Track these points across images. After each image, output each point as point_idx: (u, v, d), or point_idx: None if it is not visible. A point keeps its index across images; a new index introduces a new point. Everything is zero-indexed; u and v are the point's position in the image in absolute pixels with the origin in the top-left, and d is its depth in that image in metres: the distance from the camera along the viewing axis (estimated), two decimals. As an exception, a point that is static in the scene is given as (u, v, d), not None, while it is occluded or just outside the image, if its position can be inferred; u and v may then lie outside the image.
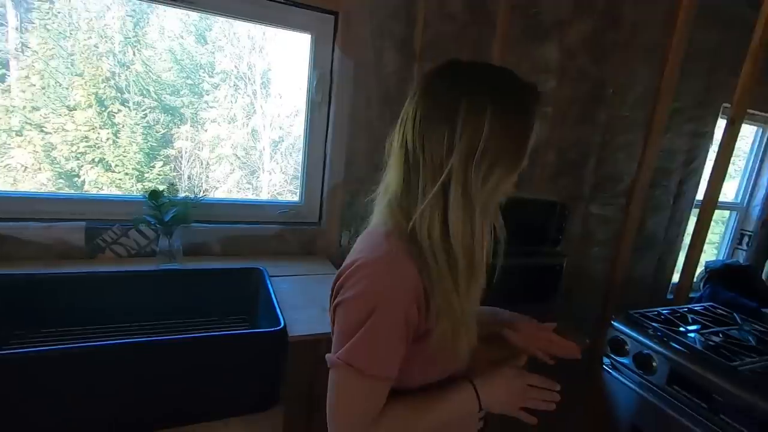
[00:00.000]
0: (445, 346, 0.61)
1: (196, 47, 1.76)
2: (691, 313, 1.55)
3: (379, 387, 0.60)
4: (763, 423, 1.05)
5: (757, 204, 3.02)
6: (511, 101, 0.60)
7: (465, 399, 0.66)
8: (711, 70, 2.33)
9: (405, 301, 0.58)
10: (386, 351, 0.59)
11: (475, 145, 0.57)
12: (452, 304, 0.60)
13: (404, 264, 0.59)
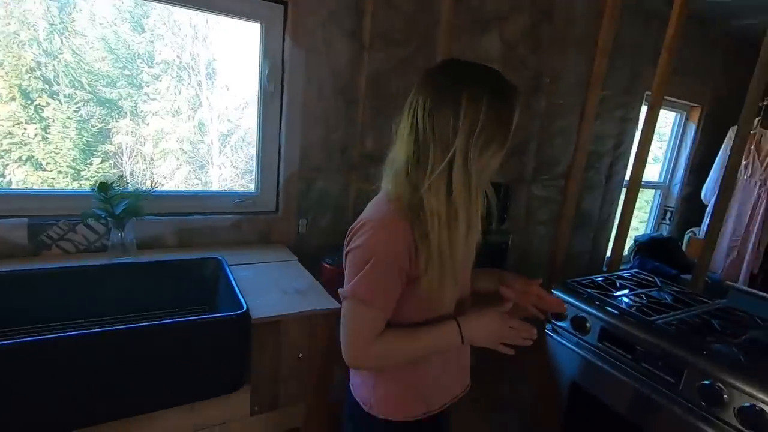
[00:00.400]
0: (432, 289, 0.75)
1: (132, 35, 1.69)
2: (620, 279, 1.74)
3: (375, 314, 0.76)
4: (674, 366, 1.22)
5: (677, 183, 3.36)
6: (502, 95, 0.75)
7: (448, 332, 0.80)
8: (635, 60, 2.56)
9: (397, 252, 0.73)
10: (380, 288, 0.75)
11: (474, 128, 0.72)
12: (443, 257, 0.74)
13: (399, 223, 0.74)
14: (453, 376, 0.92)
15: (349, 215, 1.86)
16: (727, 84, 3.16)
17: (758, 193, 2.91)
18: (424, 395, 0.87)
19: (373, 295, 0.74)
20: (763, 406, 1.05)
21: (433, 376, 0.87)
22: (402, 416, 0.86)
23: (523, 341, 0.84)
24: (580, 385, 1.49)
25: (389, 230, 0.74)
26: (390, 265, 0.74)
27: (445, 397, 0.91)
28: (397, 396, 0.86)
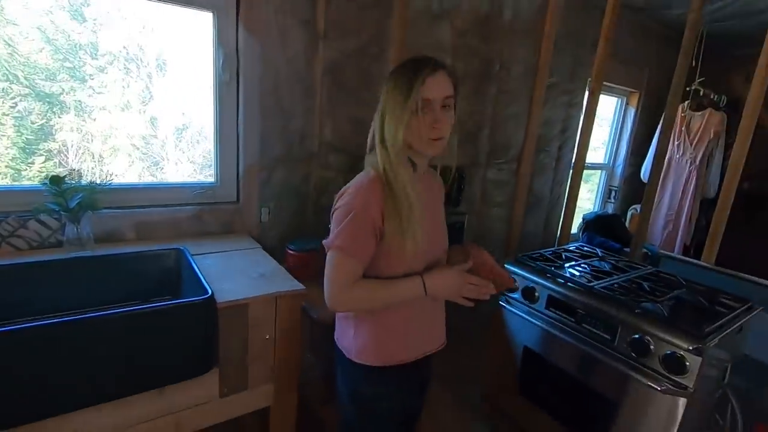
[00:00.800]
0: (395, 245, 0.89)
1: (72, 25, 1.62)
2: (566, 252, 1.88)
3: (352, 263, 0.90)
4: (610, 324, 1.36)
5: (620, 164, 3.60)
6: (402, 70, 0.90)
7: (413, 284, 0.93)
8: (578, 48, 2.72)
9: (372, 208, 0.88)
10: (356, 239, 0.88)
11: (384, 108, 0.90)
12: (401, 214, 0.89)
13: (374, 188, 0.89)
14: (426, 332, 1.04)
15: (310, 203, 1.90)
16: (662, 70, 3.41)
17: (689, 171, 3.18)
18: (397, 345, 0.99)
19: (350, 244, 0.88)
20: (682, 353, 1.20)
21: (405, 329, 0.99)
22: (379, 362, 0.98)
23: (482, 296, 0.96)
24: (532, 350, 1.62)
25: (365, 191, 0.89)
26: (365, 219, 0.88)
27: (418, 349, 1.03)
28: (373, 344, 0.98)
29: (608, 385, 1.37)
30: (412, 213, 0.89)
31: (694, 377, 1.18)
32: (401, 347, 1.00)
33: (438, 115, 0.88)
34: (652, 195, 2.27)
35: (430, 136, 0.89)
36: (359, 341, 0.99)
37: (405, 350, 1.01)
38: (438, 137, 0.90)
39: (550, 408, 1.58)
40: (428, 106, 0.87)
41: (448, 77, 0.91)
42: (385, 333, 0.98)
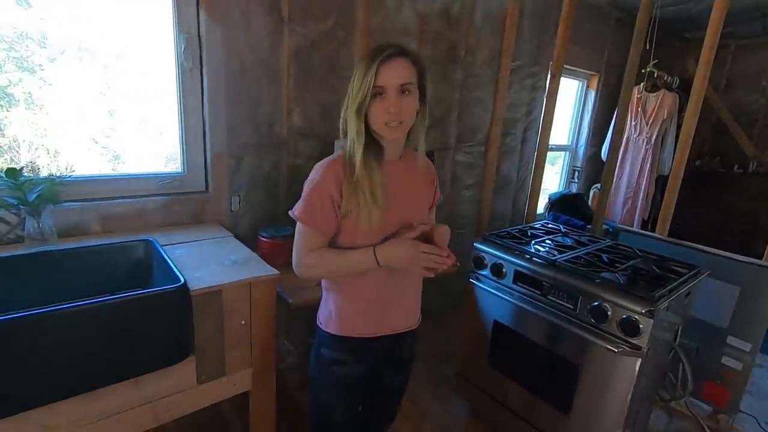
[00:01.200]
0: (351, 218, 0.96)
1: (16, 11, 1.54)
2: (531, 229, 1.97)
3: (312, 232, 0.97)
4: (572, 294, 1.45)
5: (582, 144, 3.74)
6: (365, 57, 0.94)
7: (365, 255, 0.98)
8: (540, 32, 2.79)
9: (331, 183, 0.95)
10: (313, 209, 0.96)
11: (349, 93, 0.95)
12: (359, 193, 0.94)
13: (335, 166, 0.96)
14: (392, 310, 1.09)
15: (282, 191, 1.89)
16: (619, 53, 3.54)
17: (645, 150, 3.35)
18: (358, 319, 1.06)
19: (308, 214, 0.96)
20: (636, 316, 1.29)
21: (367, 303, 1.06)
22: (339, 332, 1.07)
23: (438, 265, 0.97)
24: (501, 323, 1.70)
25: (325, 168, 0.97)
26: (322, 191, 0.95)
27: (382, 326, 1.09)
28: (336, 315, 1.07)
29: (571, 351, 1.46)
30: (372, 195, 0.94)
31: (647, 338, 1.28)
32: (362, 321, 1.06)
33: (392, 100, 0.92)
34: (609, 173, 2.39)
35: (384, 121, 0.93)
36: (326, 311, 1.09)
37: (365, 325, 1.07)
38: (392, 121, 0.93)
39: (519, 376, 1.67)
40: (383, 92, 0.91)
41: (411, 64, 0.94)
42: (347, 305, 1.06)
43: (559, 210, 3.32)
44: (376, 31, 2.00)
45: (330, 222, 0.97)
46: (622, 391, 1.35)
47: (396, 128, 0.95)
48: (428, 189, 1.14)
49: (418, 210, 1.09)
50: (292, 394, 1.96)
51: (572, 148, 3.77)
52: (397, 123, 0.94)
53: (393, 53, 0.91)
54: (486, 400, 1.81)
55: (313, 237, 0.98)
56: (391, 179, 1.00)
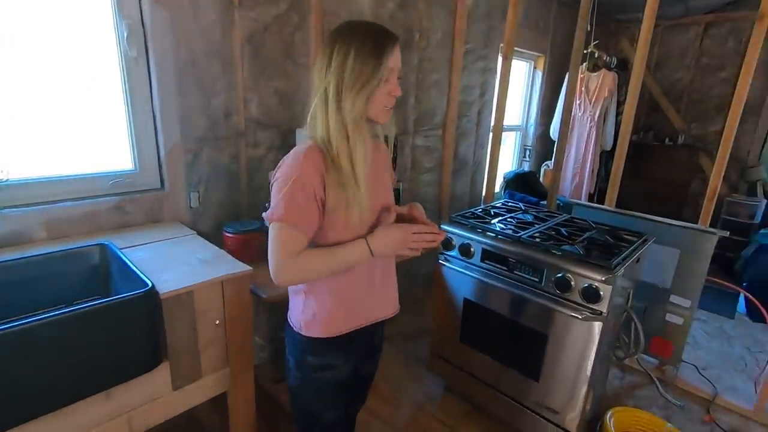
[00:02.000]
0: (339, 212, 0.90)
1: None
2: (494, 208, 2.04)
3: (295, 233, 0.88)
4: (537, 268, 1.52)
5: (532, 124, 3.90)
6: (368, 44, 0.86)
7: (358, 248, 0.93)
8: (489, 15, 2.84)
9: (312, 177, 0.87)
10: (296, 207, 0.87)
11: (340, 76, 0.86)
12: (346, 185, 0.89)
13: (314, 156, 0.88)
14: (375, 299, 1.06)
15: (243, 184, 1.83)
16: (562, 35, 3.69)
17: (589, 127, 3.54)
18: (346, 315, 1.01)
19: (290, 213, 0.86)
20: (597, 284, 1.39)
21: (353, 297, 1.01)
22: (326, 334, 1.00)
23: (429, 243, 0.97)
24: (471, 300, 1.76)
25: (301, 159, 0.88)
26: (304, 185, 0.86)
27: (368, 316, 1.05)
28: (321, 317, 1.00)
29: (539, 321, 1.55)
30: (359, 186, 0.89)
31: (607, 303, 1.38)
32: (349, 317, 1.01)
33: (395, 84, 0.91)
34: (561, 151, 2.51)
35: (387, 105, 0.92)
36: (307, 315, 1.00)
37: (353, 319, 1.02)
38: (390, 106, 0.93)
39: (490, 350, 1.75)
40: (389, 77, 0.89)
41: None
42: (333, 304, 0.99)
43: (514, 188, 3.46)
44: (331, 15, 1.95)
45: (314, 219, 0.90)
46: (586, 354, 1.45)
47: (390, 111, 0.95)
48: (390, 171, 1.13)
49: (389, 193, 1.09)
50: (267, 389, 1.94)
51: (522, 128, 3.92)
52: (392, 106, 0.94)
53: (396, 37, 0.91)
54: (459, 375, 1.89)
55: (297, 239, 0.88)
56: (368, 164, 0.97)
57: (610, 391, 2.05)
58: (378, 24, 0.91)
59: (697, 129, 4.29)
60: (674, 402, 1.99)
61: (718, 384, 2.10)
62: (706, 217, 1.97)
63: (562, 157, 2.54)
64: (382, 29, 0.89)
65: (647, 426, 1.75)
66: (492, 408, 1.80)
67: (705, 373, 2.18)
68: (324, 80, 0.88)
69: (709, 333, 2.64)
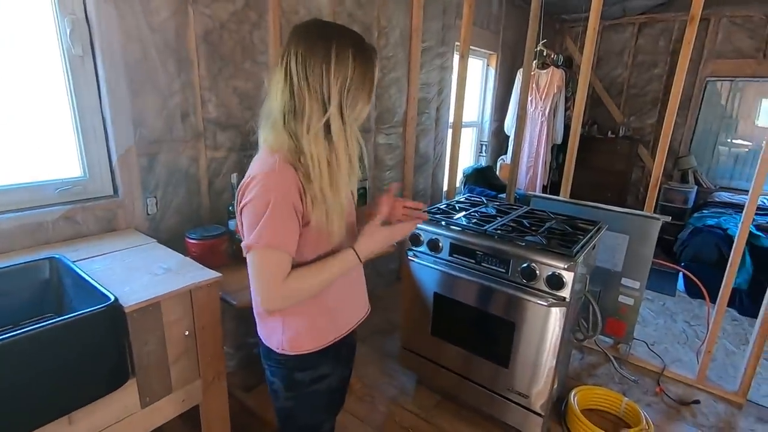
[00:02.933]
0: (322, 227, 0.86)
1: None
2: (458, 203, 2.09)
3: (283, 257, 0.83)
4: (503, 259, 1.58)
5: (487, 120, 4.03)
6: (365, 54, 0.85)
7: (348, 257, 0.91)
8: (444, 13, 2.90)
9: (291, 194, 0.82)
10: (284, 230, 0.82)
11: (345, 83, 0.82)
12: (326, 195, 0.84)
13: (288, 170, 0.82)
14: (353, 303, 1.06)
15: (203, 187, 1.76)
16: (510, 33, 3.83)
17: (540, 122, 3.71)
18: (331, 324, 0.99)
19: (278, 237, 0.82)
20: (560, 272, 1.46)
21: (335, 306, 0.99)
22: (314, 346, 0.97)
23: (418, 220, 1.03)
24: (441, 294, 1.80)
25: (278, 176, 0.81)
26: (286, 205, 0.82)
27: (349, 322, 1.04)
28: (307, 331, 0.96)
29: (507, 310, 1.61)
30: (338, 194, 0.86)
31: (569, 289, 1.46)
32: (334, 325, 1.00)
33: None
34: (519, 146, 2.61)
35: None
36: (290, 333, 0.95)
37: (337, 327, 1.01)
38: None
39: (460, 341, 1.80)
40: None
41: None
42: (319, 315, 0.96)
43: (473, 182, 3.57)
44: (289, 13, 1.91)
45: (296, 237, 0.85)
46: (551, 339, 1.52)
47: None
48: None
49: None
50: (239, 397, 1.88)
51: (478, 124, 4.04)
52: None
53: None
54: (431, 368, 1.92)
55: (285, 261, 0.84)
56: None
57: (572, 372, 2.17)
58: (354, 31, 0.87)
59: (635, 122, 4.61)
60: (629, 378, 2.14)
61: (665, 357, 2.28)
62: (650, 203, 2.12)
63: (519, 151, 2.65)
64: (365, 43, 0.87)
65: (607, 401, 1.87)
66: (464, 396, 1.85)
67: (654, 348, 2.36)
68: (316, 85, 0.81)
69: (654, 311, 2.86)
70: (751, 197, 1.80)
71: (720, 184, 4.38)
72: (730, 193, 4.05)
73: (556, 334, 1.51)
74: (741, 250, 1.89)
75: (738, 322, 2.77)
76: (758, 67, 3.93)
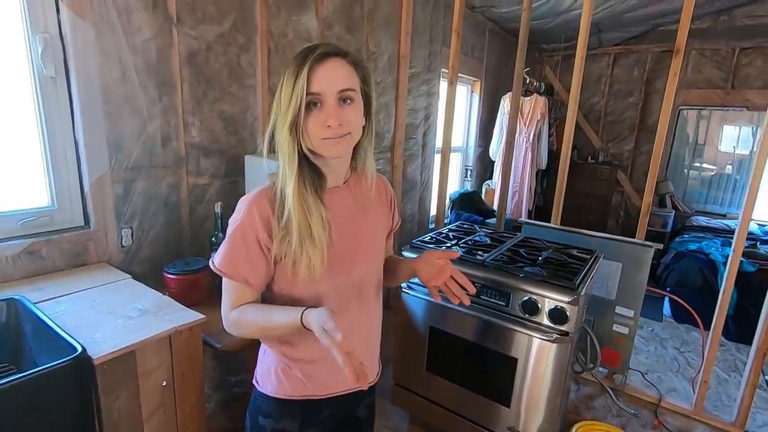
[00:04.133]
0: (287, 267, 0.78)
1: None
2: (451, 231, 2.03)
3: (235, 285, 0.79)
4: (503, 292, 1.52)
5: (472, 145, 4.04)
6: (292, 62, 0.75)
7: (292, 314, 0.75)
8: (431, 41, 2.92)
9: (257, 224, 0.77)
10: (236, 257, 0.78)
11: (277, 108, 0.76)
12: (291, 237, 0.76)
13: (263, 202, 0.78)
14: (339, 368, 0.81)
15: (185, 216, 1.65)
16: (494, 60, 3.90)
17: (525, 148, 3.75)
18: (300, 376, 0.85)
19: (229, 263, 0.78)
20: (563, 305, 1.40)
21: (309, 358, 0.85)
22: (276, 393, 0.86)
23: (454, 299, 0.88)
24: (437, 328, 1.71)
25: (253, 206, 0.78)
26: (245, 233, 0.77)
27: (335, 384, 0.88)
28: (271, 373, 0.87)
29: (508, 345, 1.54)
30: (310, 238, 0.76)
31: (573, 324, 1.40)
32: (308, 381, 0.85)
33: (331, 110, 0.74)
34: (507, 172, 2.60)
35: (322, 136, 0.75)
36: (264, 367, 0.89)
37: (314, 386, 0.86)
38: (332, 137, 0.75)
39: (458, 378, 1.70)
40: (319, 102, 0.74)
41: (350, 66, 0.77)
42: (288, 360, 0.85)
43: (459, 207, 3.54)
44: (277, 36, 1.86)
45: (259, 271, 0.78)
46: (556, 375, 1.45)
47: (339, 142, 0.76)
48: (385, 214, 0.95)
49: (375, 243, 0.90)
50: (217, 445, 1.72)
51: (463, 149, 4.05)
52: (339, 136, 0.75)
53: (327, 52, 0.74)
54: (426, 407, 1.82)
55: (240, 291, 0.79)
56: (337, 210, 0.82)
57: (570, 405, 2.09)
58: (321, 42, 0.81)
59: (613, 148, 4.72)
60: (627, 410, 2.08)
61: (660, 387, 2.24)
62: (642, 230, 2.12)
63: (507, 178, 2.63)
64: (311, 45, 0.76)
65: (609, 438, 1.80)
66: (462, 437, 1.75)
67: (648, 377, 2.32)
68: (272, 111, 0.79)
69: (644, 337, 2.84)
70: (741, 227, 1.81)
71: (695, 207, 4.50)
72: (707, 218, 4.16)
73: (562, 369, 1.45)
74: (733, 279, 1.89)
75: (726, 347, 2.77)
76: (726, 97, 4.11)
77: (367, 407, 1.00)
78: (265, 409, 0.87)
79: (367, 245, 0.88)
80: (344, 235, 0.83)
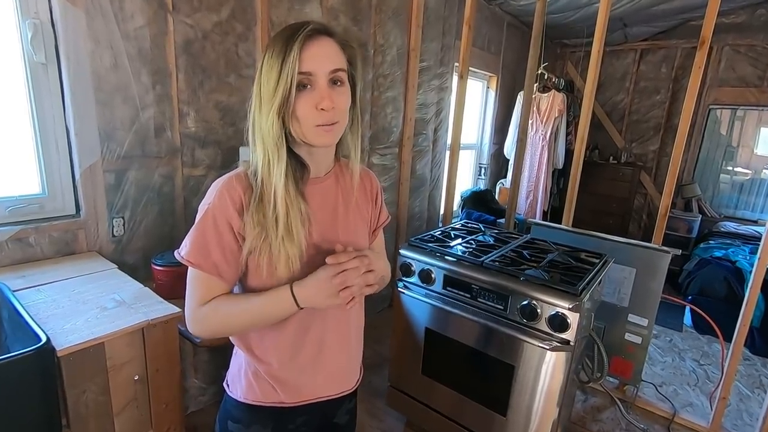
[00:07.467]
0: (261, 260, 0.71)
1: None
2: (453, 230, 1.95)
3: (203, 276, 0.71)
4: (502, 295, 1.44)
5: (486, 143, 3.93)
6: (275, 39, 0.68)
7: (281, 295, 0.72)
8: (443, 34, 2.83)
9: (230, 211, 0.70)
10: (204, 246, 0.70)
11: (257, 90, 0.70)
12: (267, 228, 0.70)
13: (233, 187, 0.71)
14: (319, 371, 0.82)
15: (178, 207, 1.63)
16: (511, 55, 3.78)
17: (541, 146, 3.61)
18: (269, 379, 0.79)
19: (195, 253, 0.71)
20: (564, 312, 1.31)
21: (279, 360, 0.79)
22: (244, 398, 0.81)
23: (360, 288, 0.74)
24: (433, 330, 1.64)
25: (224, 189, 0.71)
26: (217, 219, 0.70)
27: (310, 392, 0.82)
28: (240, 375, 0.82)
29: (505, 351, 1.46)
30: (287, 233, 0.70)
31: (575, 332, 1.31)
32: (278, 386, 0.79)
33: (324, 92, 0.67)
34: (518, 170, 2.50)
35: (316, 122, 0.68)
36: (234, 369, 0.83)
37: (284, 392, 0.80)
38: (325, 123, 0.69)
39: (454, 382, 1.63)
40: (310, 83, 0.67)
41: (339, 46, 0.70)
42: (258, 364, 0.78)
43: (471, 206, 3.44)
44: (278, 26, 1.82)
45: (231, 260, 0.71)
46: (555, 385, 1.37)
47: (330, 131, 0.70)
48: (369, 209, 0.88)
49: (358, 239, 0.84)
50: (208, 439, 1.70)
51: (477, 147, 3.94)
52: (332, 125, 0.70)
53: (318, 29, 0.68)
54: (421, 410, 1.75)
55: (209, 284, 0.71)
56: (317, 204, 0.76)
57: (575, 416, 1.99)
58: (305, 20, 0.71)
59: (636, 148, 4.52)
60: (637, 425, 1.96)
61: (675, 401, 2.11)
62: (659, 235, 1.99)
63: (519, 176, 2.53)
64: (297, 23, 0.69)
65: (614, 454, 1.69)
66: (457, 445, 1.68)
67: (662, 390, 2.19)
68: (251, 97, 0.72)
69: (661, 348, 2.69)
70: (769, 232, 1.67)
71: (724, 213, 4.27)
72: (736, 223, 3.93)
73: (561, 379, 1.36)
74: (758, 288, 1.75)
75: (750, 362, 2.60)
76: (761, 96, 3.86)
77: (348, 413, 0.94)
78: (234, 413, 0.82)
79: (347, 238, 0.81)
80: (324, 230, 0.77)
